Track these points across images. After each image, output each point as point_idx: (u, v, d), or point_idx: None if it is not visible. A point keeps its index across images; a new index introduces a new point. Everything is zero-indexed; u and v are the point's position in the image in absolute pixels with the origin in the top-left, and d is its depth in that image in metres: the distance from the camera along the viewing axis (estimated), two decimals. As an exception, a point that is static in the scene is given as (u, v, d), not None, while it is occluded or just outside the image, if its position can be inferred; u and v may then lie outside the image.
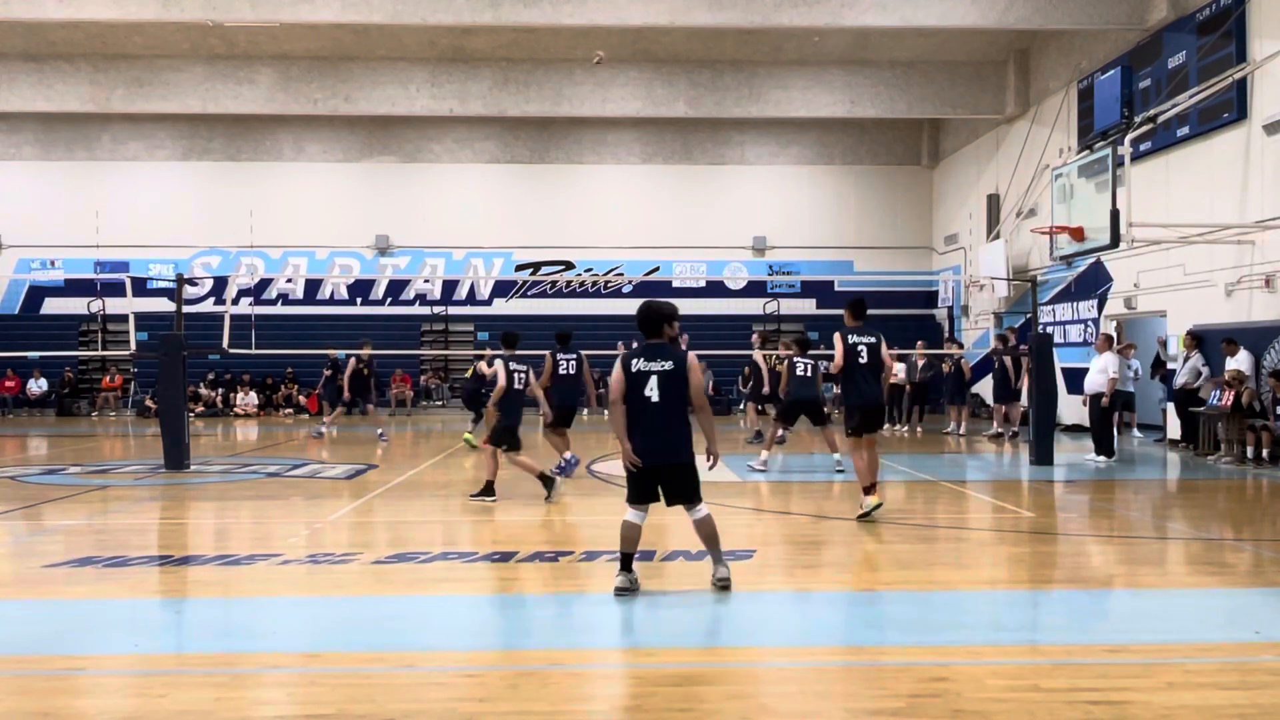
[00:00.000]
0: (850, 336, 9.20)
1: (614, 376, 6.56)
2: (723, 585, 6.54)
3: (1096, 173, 15.48)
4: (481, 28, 21.41)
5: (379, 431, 18.90)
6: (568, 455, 12.12)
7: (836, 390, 14.36)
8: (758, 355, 17.86)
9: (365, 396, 19.06)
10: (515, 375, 10.75)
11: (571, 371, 12.46)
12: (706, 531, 6.58)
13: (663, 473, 6.49)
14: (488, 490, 10.60)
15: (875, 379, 9.33)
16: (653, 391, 6.44)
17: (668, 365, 6.48)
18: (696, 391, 6.54)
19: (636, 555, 6.60)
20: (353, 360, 18.58)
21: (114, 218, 27.62)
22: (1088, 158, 15.93)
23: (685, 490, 6.53)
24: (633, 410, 6.49)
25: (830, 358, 9.72)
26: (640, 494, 6.54)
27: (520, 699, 4.64)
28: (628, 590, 6.44)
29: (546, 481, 10.60)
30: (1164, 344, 17.78)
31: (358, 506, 10.51)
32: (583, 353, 12.67)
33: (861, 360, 9.21)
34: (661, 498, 6.58)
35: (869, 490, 9.17)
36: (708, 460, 6.64)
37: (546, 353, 12.58)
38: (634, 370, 6.50)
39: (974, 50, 23.25)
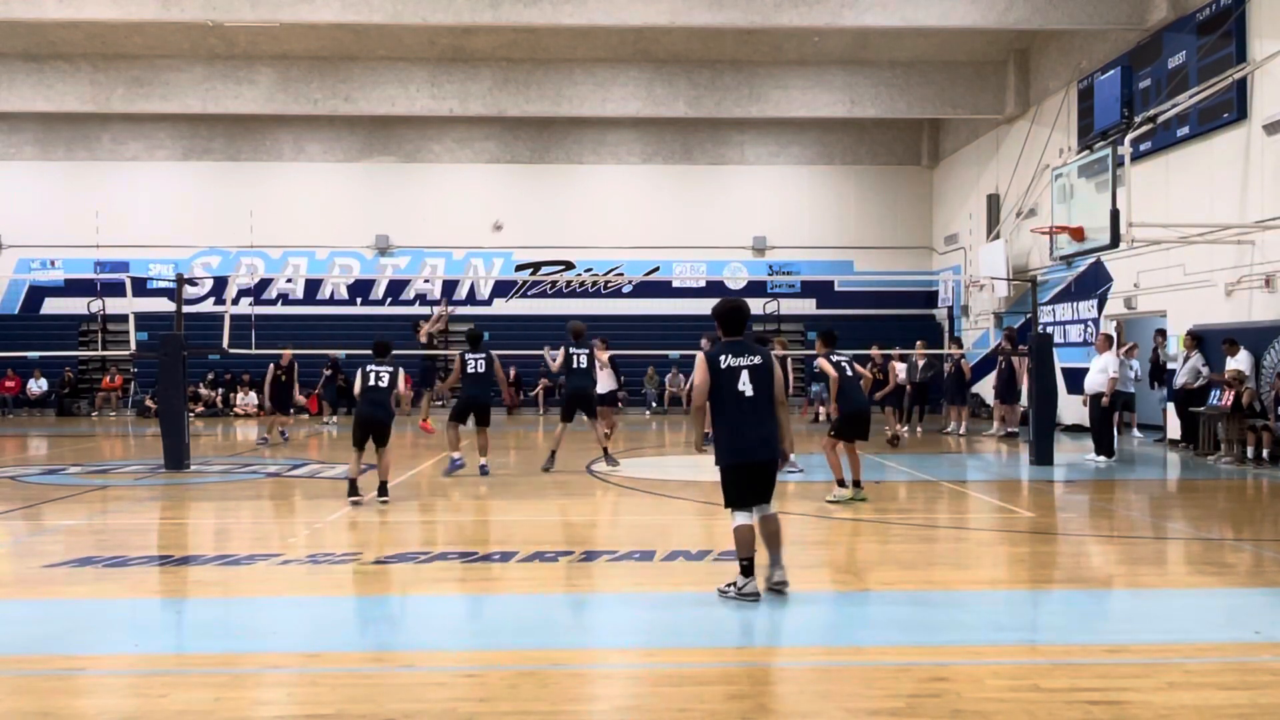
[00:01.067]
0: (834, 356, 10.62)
1: (698, 377, 6.38)
2: (779, 588, 6.33)
3: (1096, 173, 15.48)
4: (481, 28, 21.41)
5: (281, 431, 18.16)
6: (455, 455, 12.76)
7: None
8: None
9: (285, 404, 18.26)
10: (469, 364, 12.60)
11: (481, 370, 12.81)
12: (773, 530, 6.40)
13: (756, 470, 6.35)
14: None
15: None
16: (746, 386, 6.29)
17: (756, 360, 6.39)
18: (779, 387, 6.47)
19: (637, 555, 6.59)
20: (271, 367, 17.96)
21: (114, 218, 27.62)
22: (1088, 158, 15.93)
23: (769, 488, 6.44)
24: (725, 407, 6.33)
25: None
26: (741, 495, 6.35)
27: (520, 699, 4.64)
28: (756, 595, 6.25)
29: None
30: (1163, 335, 17.73)
31: (357, 506, 10.51)
32: (494, 353, 13.06)
33: (847, 374, 10.57)
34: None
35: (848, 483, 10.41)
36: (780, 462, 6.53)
37: (457, 354, 13.33)
38: (723, 367, 6.34)
39: (974, 50, 23.25)
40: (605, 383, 15.73)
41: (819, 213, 29.07)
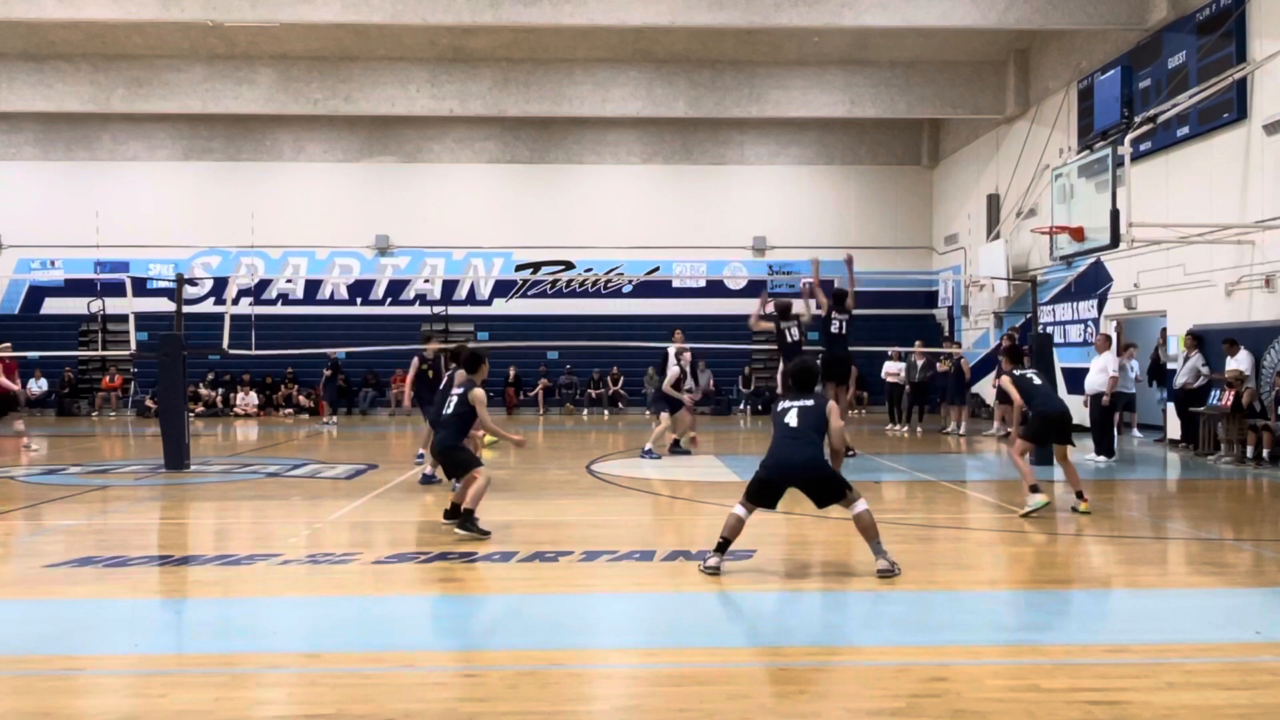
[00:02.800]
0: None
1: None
2: (883, 575, 7.00)
3: (1096, 173, 15.48)
4: (481, 28, 21.41)
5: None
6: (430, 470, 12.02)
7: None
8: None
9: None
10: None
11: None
12: (865, 523, 7.21)
13: (780, 484, 7.29)
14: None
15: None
16: (792, 419, 7.26)
17: (809, 402, 7.35)
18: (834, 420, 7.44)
19: (637, 555, 6.60)
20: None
21: (114, 218, 27.60)
22: (1088, 158, 15.93)
23: (824, 494, 7.30)
24: (776, 432, 7.36)
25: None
26: (754, 495, 7.34)
27: (520, 699, 4.64)
28: (715, 570, 7.05)
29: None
30: (1164, 336, 17.72)
31: (358, 506, 10.51)
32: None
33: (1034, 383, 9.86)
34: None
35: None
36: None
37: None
38: (779, 409, 7.43)
39: (974, 50, 23.24)
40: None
41: (819, 213, 29.07)
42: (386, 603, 6.54)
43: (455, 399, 9.08)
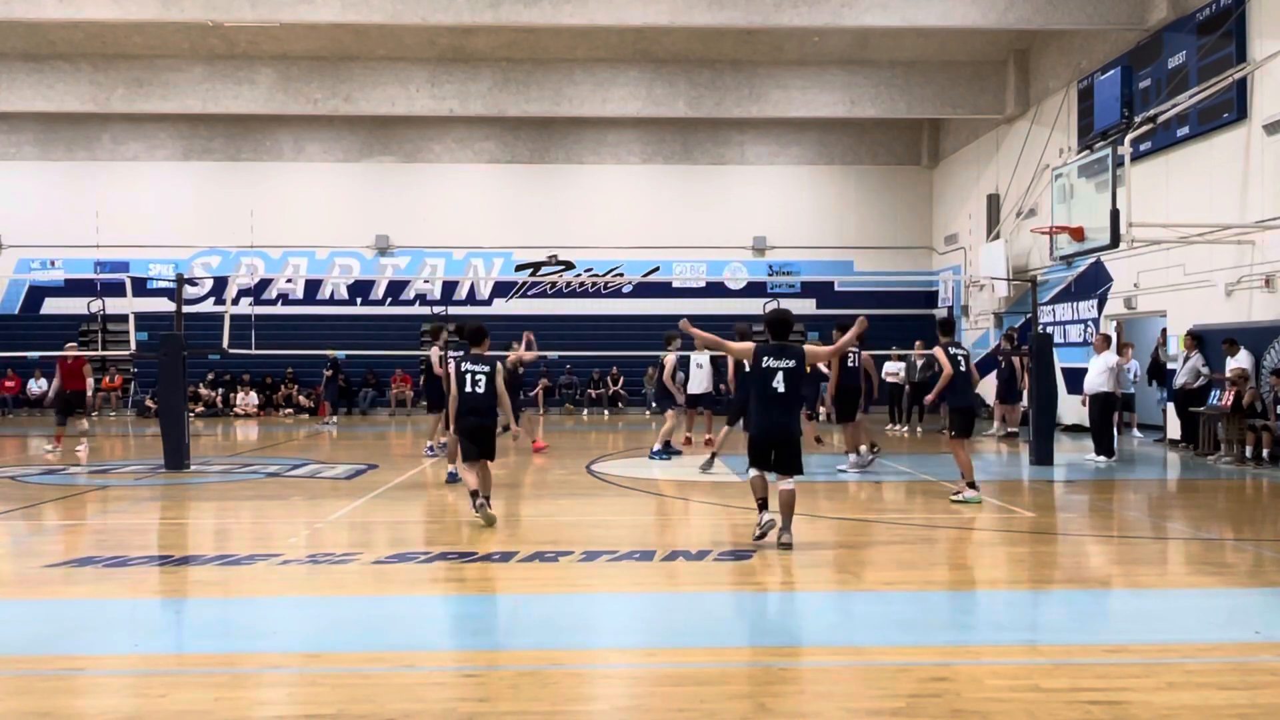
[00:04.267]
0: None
1: (739, 349, 8.55)
2: (785, 547, 7.86)
3: (1096, 173, 15.48)
4: (481, 28, 21.41)
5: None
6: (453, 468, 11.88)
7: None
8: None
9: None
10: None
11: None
12: (787, 500, 7.98)
13: (772, 444, 8.00)
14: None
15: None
16: (779, 385, 7.94)
17: (791, 364, 7.99)
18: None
19: (637, 555, 6.60)
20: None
21: (114, 218, 27.61)
22: (1088, 158, 15.93)
23: (790, 461, 8.05)
24: (761, 395, 8.02)
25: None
26: (757, 459, 8.12)
27: (520, 699, 4.64)
28: (772, 523, 7.95)
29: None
30: (1164, 337, 17.72)
31: (358, 506, 10.51)
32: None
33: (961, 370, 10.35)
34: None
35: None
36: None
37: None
38: (765, 366, 7.98)
39: (974, 50, 23.24)
40: (702, 383, 15.73)
41: (819, 213, 29.07)
42: (386, 603, 6.54)
43: (484, 377, 9.06)
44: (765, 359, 7.99)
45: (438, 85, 23.81)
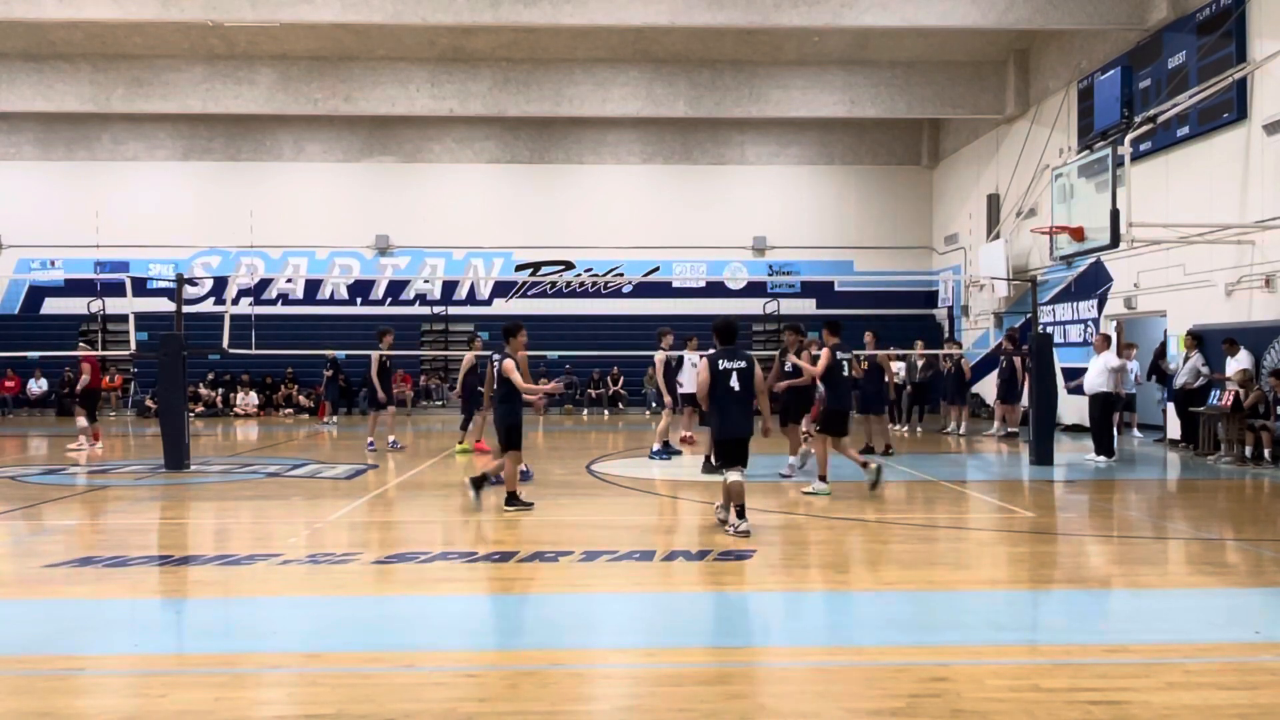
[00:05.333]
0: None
1: (703, 376, 8.67)
2: (741, 534, 8.36)
3: (1096, 173, 15.47)
4: (481, 28, 21.41)
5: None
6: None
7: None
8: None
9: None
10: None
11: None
12: (737, 490, 8.50)
13: (739, 442, 8.65)
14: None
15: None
16: (735, 384, 8.59)
17: (743, 364, 8.68)
18: (759, 381, 8.87)
19: (637, 555, 6.61)
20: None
21: (114, 218, 27.63)
22: (1088, 158, 15.93)
23: (745, 456, 8.70)
24: (720, 398, 8.60)
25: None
26: (729, 458, 8.67)
27: (520, 699, 4.64)
28: (747, 534, 8.34)
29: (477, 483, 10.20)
30: (1164, 347, 17.73)
31: (358, 506, 10.51)
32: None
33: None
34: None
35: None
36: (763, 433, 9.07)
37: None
38: (721, 369, 8.62)
39: (974, 50, 23.25)
40: (694, 382, 15.62)
41: (819, 213, 29.08)
42: (386, 603, 6.54)
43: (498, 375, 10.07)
44: (720, 362, 8.62)
45: (438, 85, 23.82)
